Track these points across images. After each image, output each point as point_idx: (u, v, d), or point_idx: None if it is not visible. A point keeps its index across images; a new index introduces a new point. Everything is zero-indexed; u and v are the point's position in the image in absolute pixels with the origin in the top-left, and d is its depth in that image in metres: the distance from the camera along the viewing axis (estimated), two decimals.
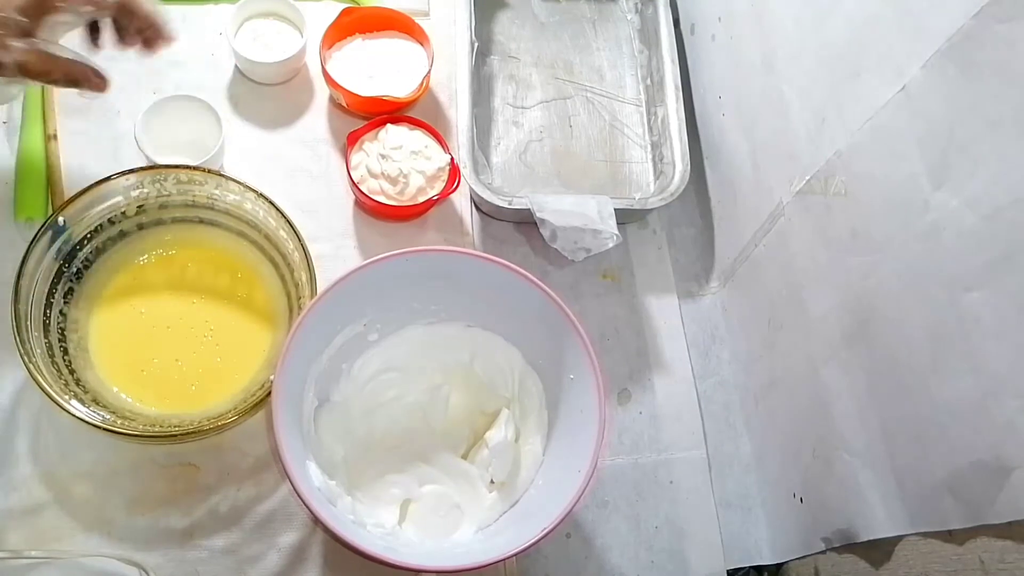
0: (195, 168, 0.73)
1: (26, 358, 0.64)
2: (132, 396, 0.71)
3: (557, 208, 0.80)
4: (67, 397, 0.64)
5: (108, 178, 0.70)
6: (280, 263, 0.75)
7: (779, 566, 0.79)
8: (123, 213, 0.73)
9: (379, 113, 0.85)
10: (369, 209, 0.85)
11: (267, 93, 0.89)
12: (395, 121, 0.84)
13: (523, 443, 0.73)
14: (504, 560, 0.64)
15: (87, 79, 0.66)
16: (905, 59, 0.55)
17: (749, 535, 0.81)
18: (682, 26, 0.98)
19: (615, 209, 0.82)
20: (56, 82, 0.65)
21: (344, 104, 0.87)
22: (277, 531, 0.72)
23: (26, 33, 0.61)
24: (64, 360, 0.69)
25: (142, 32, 0.67)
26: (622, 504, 0.80)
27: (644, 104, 0.97)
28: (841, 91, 0.64)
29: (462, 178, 0.83)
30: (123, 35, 0.67)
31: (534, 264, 0.88)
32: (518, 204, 0.83)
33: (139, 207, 0.73)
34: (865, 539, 0.65)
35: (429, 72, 0.86)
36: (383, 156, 0.81)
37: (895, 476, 0.61)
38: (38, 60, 0.62)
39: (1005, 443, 0.50)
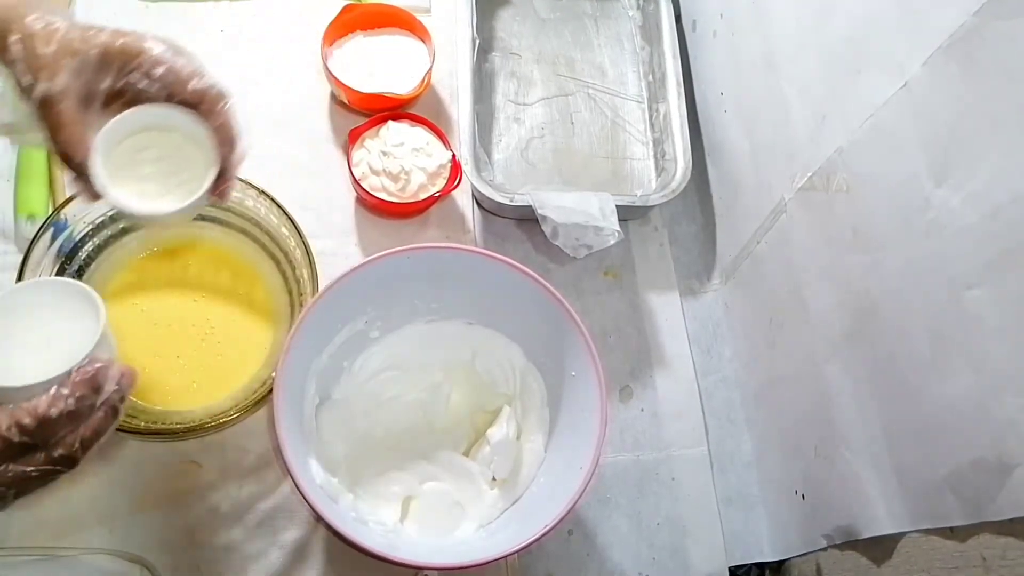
0: None
1: None
2: (133, 393, 0.71)
3: (559, 205, 0.80)
4: None
5: None
6: (282, 260, 0.75)
7: (781, 563, 0.79)
8: None
9: (380, 110, 0.85)
10: (371, 206, 0.85)
11: (268, 91, 0.88)
12: (396, 118, 0.84)
13: (524, 440, 0.73)
14: (505, 557, 0.64)
15: None
16: (906, 56, 0.55)
17: (751, 532, 0.81)
18: (684, 22, 0.97)
19: (617, 206, 0.82)
20: None
21: (345, 101, 0.87)
22: (279, 528, 0.72)
23: None
24: None
25: None
26: (623, 501, 0.80)
27: (646, 101, 0.96)
28: (842, 88, 0.64)
29: (463, 175, 0.83)
30: None
31: (536, 261, 0.88)
32: (520, 201, 0.82)
33: None
34: (867, 536, 0.65)
35: (430, 69, 0.86)
36: (384, 153, 0.81)
37: (896, 473, 0.61)
38: None
39: (1006, 440, 0.50)
